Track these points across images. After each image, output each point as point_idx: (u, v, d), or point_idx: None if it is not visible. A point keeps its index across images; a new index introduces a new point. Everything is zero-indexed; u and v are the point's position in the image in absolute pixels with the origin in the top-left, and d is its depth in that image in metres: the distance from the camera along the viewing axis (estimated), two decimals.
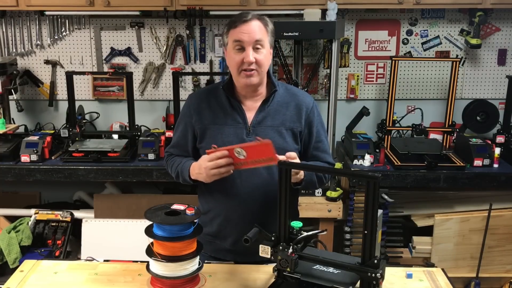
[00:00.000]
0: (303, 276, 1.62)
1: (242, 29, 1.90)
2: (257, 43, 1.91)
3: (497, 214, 3.29)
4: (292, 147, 2.02)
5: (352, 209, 3.17)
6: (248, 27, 1.90)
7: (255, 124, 2.01)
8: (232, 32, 1.92)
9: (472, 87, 3.73)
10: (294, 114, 2.03)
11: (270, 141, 1.74)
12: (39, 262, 1.98)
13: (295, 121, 2.03)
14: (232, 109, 2.02)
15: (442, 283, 1.87)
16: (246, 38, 1.89)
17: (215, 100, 2.04)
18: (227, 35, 1.95)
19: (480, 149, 3.21)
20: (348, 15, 3.59)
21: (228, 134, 2.00)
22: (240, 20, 1.91)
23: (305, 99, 2.08)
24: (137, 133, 3.44)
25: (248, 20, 1.91)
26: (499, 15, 3.60)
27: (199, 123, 2.04)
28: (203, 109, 2.04)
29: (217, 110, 2.03)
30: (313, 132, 2.07)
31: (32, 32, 3.62)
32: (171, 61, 3.68)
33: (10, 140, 3.33)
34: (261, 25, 1.93)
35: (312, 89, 3.65)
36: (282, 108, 2.03)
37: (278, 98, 2.04)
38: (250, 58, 1.90)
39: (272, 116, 2.02)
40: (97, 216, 3.37)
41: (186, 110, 2.10)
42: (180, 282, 1.77)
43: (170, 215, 1.77)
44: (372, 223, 1.50)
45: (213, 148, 1.85)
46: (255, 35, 1.90)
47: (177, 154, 2.14)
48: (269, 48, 1.97)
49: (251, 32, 1.90)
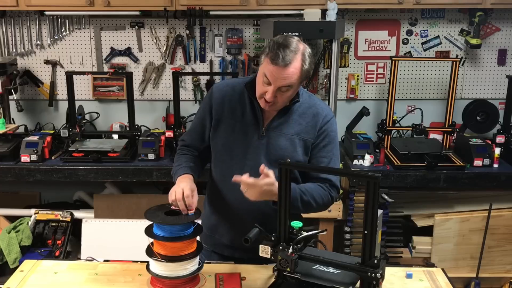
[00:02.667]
0: (303, 276, 1.62)
1: (275, 70, 1.79)
2: (284, 87, 1.84)
3: (497, 214, 3.29)
4: (301, 158, 1.98)
5: (352, 209, 3.17)
6: (283, 72, 1.79)
7: (269, 129, 1.98)
8: (267, 64, 1.81)
9: (472, 87, 3.73)
10: (309, 126, 1.98)
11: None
12: (39, 262, 1.98)
13: (309, 132, 1.98)
14: (251, 109, 1.98)
15: (442, 283, 1.87)
16: (274, 81, 1.81)
17: (237, 95, 2.01)
18: (263, 58, 1.84)
19: (480, 149, 3.21)
20: (348, 15, 3.58)
21: (240, 132, 1.97)
22: (279, 60, 1.77)
23: (323, 111, 2.01)
24: (137, 133, 3.44)
25: (285, 65, 1.78)
26: (499, 15, 3.59)
27: (217, 114, 2.01)
28: (225, 101, 2.01)
29: (236, 105, 1.99)
30: (320, 144, 1.99)
31: (32, 32, 3.62)
32: (171, 61, 3.68)
33: (10, 140, 3.33)
34: (298, 69, 1.81)
35: (312, 89, 3.65)
36: (300, 118, 1.99)
37: (299, 108, 1.99)
38: (270, 99, 1.84)
39: (289, 124, 1.98)
40: (97, 216, 3.37)
41: (207, 99, 2.06)
42: (180, 282, 1.77)
43: (170, 215, 1.78)
44: (372, 223, 1.50)
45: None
46: (284, 82, 1.81)
47: (189, 143, 2.11)
48: (297, 87, 1.89)
49: (282, 79, 1.80)
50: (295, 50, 1.80)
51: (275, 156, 1.94)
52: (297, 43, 1.83)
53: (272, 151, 1.96)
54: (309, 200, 1.90)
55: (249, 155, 1.97)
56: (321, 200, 1.94)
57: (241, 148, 1.98)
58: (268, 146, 1.97)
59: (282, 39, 1.83)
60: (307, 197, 1.89)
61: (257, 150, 1.97)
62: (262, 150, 1.97)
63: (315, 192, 1.92)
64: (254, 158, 1.96)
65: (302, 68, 1.83)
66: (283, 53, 1.78)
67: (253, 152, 1.97)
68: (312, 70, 1.91)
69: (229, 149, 1.98)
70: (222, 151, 2.01)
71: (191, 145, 2.11)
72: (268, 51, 1.82)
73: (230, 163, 1.99)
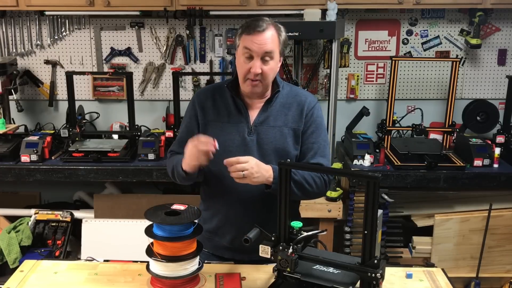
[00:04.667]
0: (303, 276, 1.62)
1: (254, 38, 1.88)
2: (267, 55, 1.90)
3: (497, 214, 3.29)
4: (292, 148, 2.02)
5: (352, 209, 3.17)
6: (261, 37, 1.88)
7: (257, 124, 2.02)
8: (245, 38, 1.91)
9: (472, 87, 3.73)
10: (296, 115, 2.03)
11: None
12: (39, 262, 1.98)
13: (297, 121, 2.03)
14: (236, 108, 2.03)
15: (442, 283, 1.87)
16: (256, 49, 1.89)
17: (220, 98, 2.06)
18: (239, 38, 1.94)
19: (480, 149, 3.21)
20: (348, 15, 3.58)
21: (230, 132, 2.01)
22: (255, 28, 1.89)
23: (307, 98, 2.07)
24: (137, 133, 3.44)
25: (262, 30, 1.88)
26: (499, 15, 3.59)
27: (202, 119, 2.05)
28: (208, 106, 2.05)
29: (221, 107, 2.04)
30: (308, 131, 2.04)
31: (32, 32, 3.62)
32: (171, 61, 3.68)
33: (10, 140, 3.33)
34: (275, 35, 1.91)
35: (312, 89, 3.65)
36: (284, 108, 2.04)
37: (282, 98, 2.05)
38: (256, 70, 1.90)
39: (275, 116, 2.03)
40: (97, 216, 3.37)
41: (191, 106, 2.10)
42: (180, 282, 1.77)
43: (170, 215, 1.78)
44: (372, 223, 1.50)
45: None
46: (266, 47, 1.89)
47: (178, 152, 2.11)
48: (278, 58, 1.96)
49: (262, 44, 1.88)
50: (267, 21, 1.92)
51: (267, 150, 1.99)
52: (268, 19, 1.94)
53: (263, 145, 2.00)
54: (300, 180, 1.93)
55: (241, 153, 1.97)
56: (313, 182, 1.96)
57: (232, 148, 1.99)
58: (258, 141, 2.00)
59: (250, 19, 1.95)
60: (297, 176, 1.92)
61: (248, 147, 2.00)
62: (253, 146, 2.00)
63: (306, 174, 1.95)
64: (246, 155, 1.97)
65: (279, 36, 1.93)
66: (257, 23, 1.91)
67: (244, 149, 1.99)
68: (287, 41, 2.01)
69: (221, 150, 1.95)
70: (215, 154, 2.00)
71: (180, 153, 2.09)
72: (242, 30, 1.92)
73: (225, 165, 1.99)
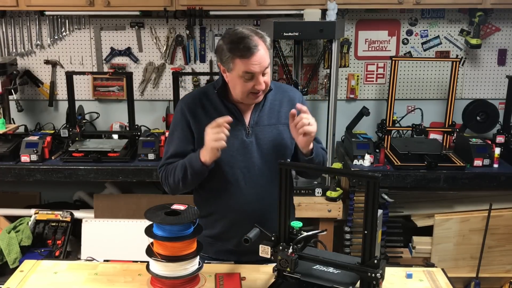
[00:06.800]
0: (303, 276, 1.62)
1: (252, 61, 1.84)
2: (265, 69, 1.89)
3: (497, 214, 3.29)
4: (289, 142, 2.04)
5: (352, 209, 3.17)
6: (258, 57, 1.85)
7: (253, 125, 2.01)
8: (242, 63, 1.85)
9: (472, 87, 3.73)
10: (288, 110, 2.00)
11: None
12: (39, 262, 1.98)
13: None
14: (228, 112, 1.98)
15: (442, 283, 1.87)
16: (258, 69, 1.86)
17: (209, 104, 2.01)
18: (232, 63, 1.86)
19: (480, 149, 3.21)
20: (348, 15, 3.58)
21: (228, 136, 1.98)
22: (249, 50, 1.83)
23: (296, 94, 2.14)
24: (137, 133, 3.44)
25: (255, 51, 1.84)
26: (499, 15, 3.59)
27: (196, 128, 1.99)
28: (199, 113, 2.00)
29: (213, 114, 1.98)
30: None
31: (32, 32, 3.62)
32: (171, 61, 3.68)
33: (10, 140, 3.33)
34: (265, 47, 1.88)
35: (312, 89, 3.65)
36: (275, 106, 2.05)
37: (271, 96, 2.06)
38: (262, 87, 1.90)
39: (269, 115, 2.04)
40: (97, 216, 3.37)
41: (180, 115, 2.02)
42: (180, 282, 1.77)
43: (170, 215, 1.78)
44: (372, 223, 1.50)
45: None
46: (264, 63, 1.87)
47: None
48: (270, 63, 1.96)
49: (261, 62, 1.86)
50: (248, 35, 1.86)
51: (267, 149, 2.00)
52: (241, 29, 1.89)
53: (263, 145, 2.00)
54: (322, 154, 2.08)
55: (241, 156, 1.98)
56: (322, 158, 2.09)
57: (233, 152, 1.97)
58: (257, 142, 2.00)
59: (231, 37, 1.88)
60: (319, 150, 2.06)
61: (248, 149, 1.99)
62: (252, 147, 2.00)
63: (320, 151, 2.08)
64: (246, 158, 1.99)
65: (266, 44, 1.90)
66: (246, 43, 1.84)
67: (244, 152, 1.99)
68: (271, 42, 2.03)
69: (221, 155, 1.91)
70: (215, 160, 1.96)
71: None
72: (231, 55, 1.85)
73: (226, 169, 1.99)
